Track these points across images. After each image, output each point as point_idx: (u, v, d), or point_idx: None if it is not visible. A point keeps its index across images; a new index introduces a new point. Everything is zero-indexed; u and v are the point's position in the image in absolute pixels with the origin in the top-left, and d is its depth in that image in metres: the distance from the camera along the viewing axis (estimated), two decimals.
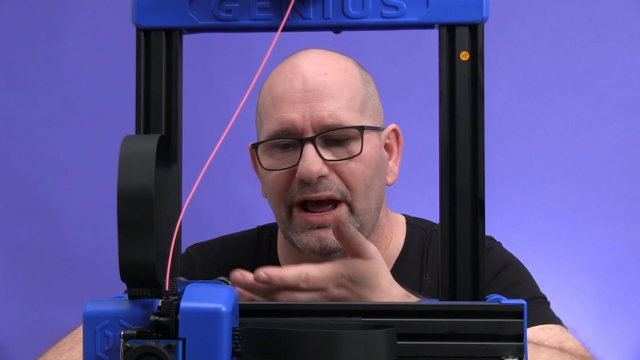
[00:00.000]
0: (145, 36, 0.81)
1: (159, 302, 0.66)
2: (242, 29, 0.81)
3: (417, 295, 1.04)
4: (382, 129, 1.27)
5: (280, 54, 1.25)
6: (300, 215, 1.20)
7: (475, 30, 0.79)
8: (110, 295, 0.74)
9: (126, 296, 0.67)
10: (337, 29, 0.82)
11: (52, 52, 2.43)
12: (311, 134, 1.18)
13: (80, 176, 2.40)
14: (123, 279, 0.65)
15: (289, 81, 1.20)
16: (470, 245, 0.78)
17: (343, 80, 1.21)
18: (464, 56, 0.79)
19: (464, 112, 0.79)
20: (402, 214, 1.38)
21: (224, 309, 0.65)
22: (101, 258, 2.28)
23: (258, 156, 1.23)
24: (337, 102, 1.19)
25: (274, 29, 0.80)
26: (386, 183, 1.28)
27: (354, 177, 1.20)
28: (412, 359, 0.75)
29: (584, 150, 2.36)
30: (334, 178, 1.19)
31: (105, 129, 2.36)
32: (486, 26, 0.79)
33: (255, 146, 1.23)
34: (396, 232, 1.34)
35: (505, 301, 0.76)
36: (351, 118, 1.20)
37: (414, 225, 1.36)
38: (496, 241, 1.35)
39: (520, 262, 1.34)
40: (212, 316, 0.65)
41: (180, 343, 0.64)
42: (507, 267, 1.29)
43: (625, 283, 2.32)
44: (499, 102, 2.29)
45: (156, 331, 0.65)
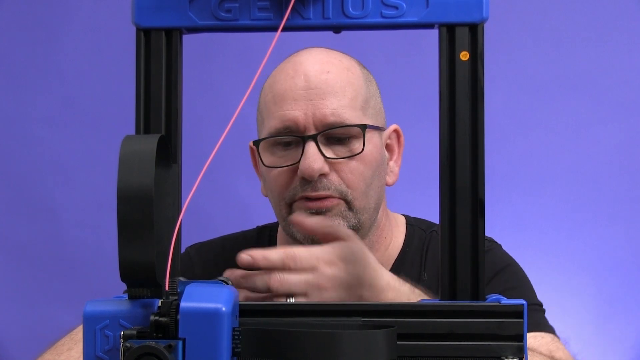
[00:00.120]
0: (145, 36, 0.81)
1: (159, 302, 0.66)
2: (242, 29, 0.81)
3: (409, 281, 1.05)
4: (384, 129, 1.27)
5: (280, 54, 1.25)
6: (300, 204, 1.20)
7: (475, 30, 0.79)
8: (110, 295, 0.74)
9: (126, 296, 0.67)
10: (337, 29, 0.82)
11: (52, 52, 2.43)
12: (313, 132, 1.18)
13: (80, 176, 2.40)
14: (123, 279, 0.65)
15: (292, 79, 1.20)
16: (470, 245, 0.78)
17: (346, 78, 1.21)
18: (464, 56, 0.79)
19: (464, 112, 0.79)
20: (402, 214, 1.38)
21: (224, 309, 0.65)
22: (101, 258, 2.28)
23: (259, 154, 1.23)
24: (340, 100, 1.19)
25: (274, 29, 0.80)
26: (386, 183, 1.28)
27: (354, 176, 1.20)
28: (412, 359, 0.75)
29: (584, 150, 2.36)
30: (334, 177, 1.19)
31: (105, 129, 2.36)
32: (486, 26, 0.79)
33: (256, 143, 1.23)
34: (396, 233, 1.34)
35: (505, 301, 0.76)
36: (353, 116, 1.20)
37: (414, 225, 1.36)
38: (496, 243, 1.35)
39: (519, 266, 1.33)
40: (212, 316, 0.65)
41: (180, 343, 0.64)
42: (505, 271, 1.29)
43: (625, 283, 2.32)
44: (499, 102, 2.29)
45: (156, 331, 0.65)
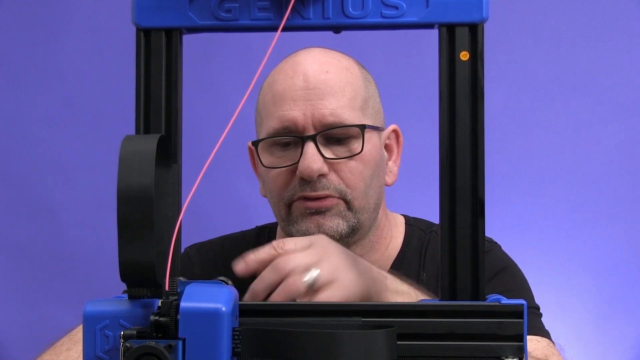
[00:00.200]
0: (145, 36, 0.81)
1: (159, 302, 0.66)
2: (242, 29, 0.81)
3: (407, 280, 1.04)
4: (383, 129, 1.27)
5: (280, 54, 1.25)
6: (299, 204, 1.20)
7: (475, 30, 0.79)
8: (110, 295, 0.74)
9: (126, 296, 0.67)
10: (337, 29, 0.82)
11: (52, 52, 2.43)
12: (312, 132, 1.18)
13: (80, 176, 2.40)
14: (123, 279, 0.65)
15: (290, 79, 1.20)
16: (470, 245, 0.78)
17: (345, 78, 1.21)
18: (464, 56, 0.79)
19: (464, 112, 0.79)
20: (402, 214, 1.38)
21: (224, 309, 0.65)
22: (101, 258, 2.28)
23: (258, 154, 1.23)
24: (339, 101, 1.19)
25: (274, 29, 0.80)
26: (385, 183, 1.28)
27: (353, 176, 1.20)
28: (412, 359, 0.75)
29: (584, 150, 2.36)
30: (333, 177, 1.19)
31: (105, 129, 2.36)
32: (486, 26, 0.79)
33: (255, 144, 1.23)
34: (395, 233, 1.34)
35: (505, 301, 0.76)
36: (352, 117, 1.20)
37: (413, 225, 1.36)
38: (496, 243, 1.35)
39: (517, 268, 1.33)
40: (212, 316, 0.65)
41: (180, 343, 0.64)
42: (504, 272, 1.28)
43: (625, 283, 2.32)
44: (499, 102, 2.29)
45: (156, 331, 0.65)
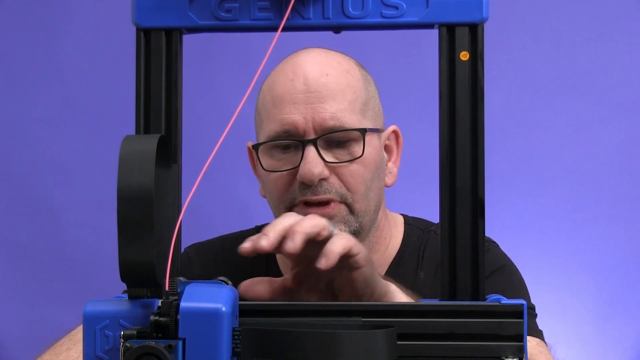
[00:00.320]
0: (145, 36, 0.81)
1: (159, 302, 0.66)
2: (242, 29, 0.81)
3: (402, 287, 1.03)
4: (383, 130, 1.27)
5: (280, 54, 1.24)
6: (300, 210, 1.19)
7: (475, 30, 0.79)
8: (110, 295, 0.74)
9: (126, 296, 0.67)
10: (337, 29, 0.82)
11: (52, 52, 2.43)
12: (313, 136, 1.18)
13: (80, 176, 2.40)
14: (123, 279, 0.65)
15: (291, 81, 1.20)
16: (470, 245, 0.78)
17: (345, 81, 1.21)
18: (464, 56, 0.79)
19: (464, 112, 0.79)
20: (401, 214, 1.38)
21: (224, 309, 0.65)
22: (101, 258, 2.29)
23: (258, 156, 1.23)
24: (339, 104, 1.19)
25: (274, 29, 0.80)
26: (385, 184, 1.28)
27: (354, 179, 1.20)
28: (412, 359, 0.75)
29: (584, 150, 2.36)
30: (334, 180, 1.19)
31: (105, 129, 2.36)
32: (486, 26, 0.79)
33: (256, 147, 1.23)
34: (394, 233, 1.34)
35: (505, 301, 0.76)
36: (353, 120, 1.20)
37: (412, 225, 1.36)
38: (494, 242, 1.34)
39: (515, 267, 1.32)
40: (212, 316, 0.65)
41: (180, 343, 0.64)
42: (500, 271, 1.28)
43: (625, 283, 2.32)
44: (499, 102, 2.29)
45: (156, 331, 0.65)
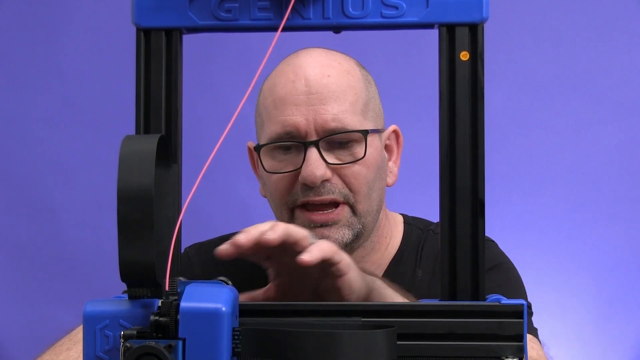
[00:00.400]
0: (145, 36, 0.81)
1: (159, 302, 0.66)
2: (242, 29, 0.81)
3: (400, 290, 1.03)
4: (383, 130, 1.27)
5: (280, 54, 1.24)
6: (302, 214, 1.20)
7: (475, 30, 0.79)
8: (110, 295, 0.74)
9: (126, 296, 0.67)
10: (337, 29, 0.82)
11: (52, 52, 2.43)
12: (314, 137, 1.18)
13: (80, 176, 2.40)
14: (123, 279, 0.65)
15: (292, 83, 1.20)
16: (470, 245, 0.79)
17: (346, 82, 1.21)
18: (464, 56, 0.79)
19: (464, 112, 0.79)
20: (400, 214, 1.39)
21: (224, 309, 0.65)
22: (101, 258, 2.28)
23: (260, 157, 1.23)
24: (341, 105, 1.19)
25: (274, 29, 0.80)
26: (386, 184, 1.28)
27: (357, 180, 1.20)
28: (412, 359, 0.75)
29: (584, 150, 2.36)
30: (337, 181, 1.19)
31: (105, 129, 2.36)
32: (486, 26, 0.79)
33: (257, 149, 1.23)
34: (394, 232, 1.34)
35: (505, 301, 0.76)
36: (354, 121, 1.20)
37: (412, 225, 1.36)
38: (492, 241, 1.34)
39: (511, 265, 1.32)
40: (212, 316, 0.65)
41: (180, 343, 0.64)
42: (496, 269, 1.28)
43: (625, 283, 2.32)
44: (499, 102, 2.29)
45: (156, 331, 0.65)
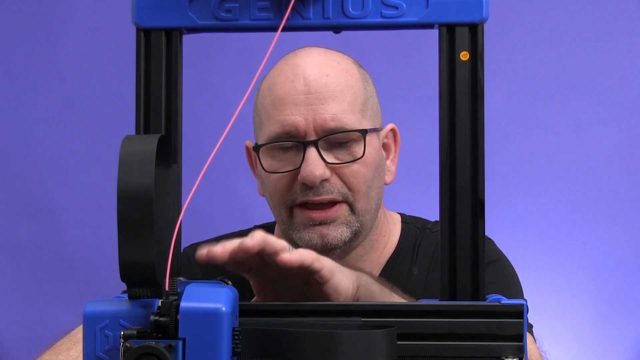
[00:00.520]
0: (145, 36, 0.81)
1: (159, 302, 0.66)
2: (242, 29, 0.81)
3: (396, 289, 1.03)
4: (381, 129, 1.27)
5: (280, 54, 1.25)
6: (301, 213, 1.20)
7: (475, 30, 0.79)
8: (110, 295, 0.74)
9: (126, 296, 0.67)
10: (337, 29, 0.82)
11: (52, 52, 2.43)
12: (313, 137, 1.18)
13: (80, 176, 2.40)
14: (123, 279, 0.65)
15: (291, 82, 1.20)
16: (470, 245, 0.78)
17: (345, 81, 1.21)
18: (464, 56, 0.79)
19: (464, 112, 0.79)
20: (398, 213, 1.39)
21: (224, 309, 0.65)
22: (101, 258, 2.29)
23: (259, 157, 1.23)
24: (340, 105, 1.19)
25: (274, 29, 0.80)
26: (384, 182, 1.28)
27: (356, 179, 1.20)
28: (412, 359, 0.75)
29: (584, 150, 2.36)
30: (336, 181, 1.19)
31: (105, 129, 2.36)
32: (486, 26, 0.79)
33: (256, 149, 1.23)
34: (392, 231, 1.34)
35: (505, 301, 0.76)
36: (353, 121, 1.20)
37: (409, 224, 1.36)
38: (489, 239, 1.34)
39: (507, 262, 1.33)
40: (212, 316, 0.65)
41: (180, 343, 0.64)
42: (490, 265, 1.28)
43: (625, 283, 2.33)
44: (499, 102, 2.29)
45: (156, 331, 0.65)
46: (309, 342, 0.65)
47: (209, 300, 0.65)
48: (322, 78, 1.20)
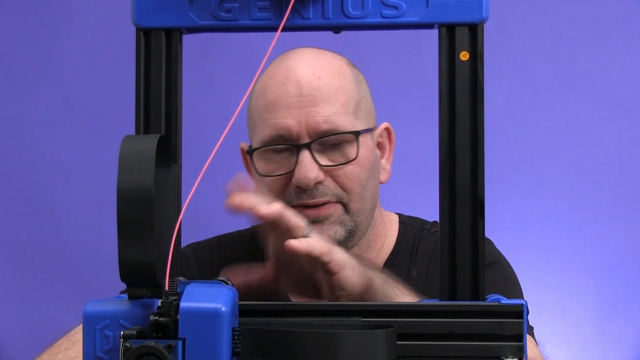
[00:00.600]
0: (145, 36, 0.81)
1: (159, 302, 0.66)
2: (242, 29, 0.81)
3: (398, 280, 1.03)
4: (375, 129, 1.27)
5: (279, 54, 1.24)
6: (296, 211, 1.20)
7: (475, 30, 0.79)
8: (110, 295, 0.74)
9: (126, 296, 0.67)
10: (337, 29, 0.82)
11: (52, 52, 2.43)
12: (307, 140, 1.18)
13: (80, 176, 2.40)
14: (123, 279, 0.65)
15: (283, 85, 1.20)
16: (470, 245, 0.78)
17: (337, 83, 1.21)
18: (464, 56, 0.79)
19: (464, 112, 0.79)
20: (396, 213, 1.39)
21: (224, 309, 0.65)
22: (101, 258, 2.28)
23: (253, 160, 1.23)
24: (332, 107, 1.19)
25: (274, 29, 0.80)
26: (379, 181, 1.28)
27: (350, 180, 1.20)
28: (412, 359, 0.75)
29: (584, 150, 2.36)
30: (330, 183, 1.19)
31: (105, 129, 2.36)
32: (486, 26, 0.79)
33: (250, 152, 1.23)
34: (389, 231, 1.34)
35: (505, 301, 0.76)
36: (346, 122, 1.20)
37: (407, 224, 1.36)
38: (487, 239, 1.34)
39: (506, 263, 1.32)
40: (212, 316, 0.65)
41: (180, 343, 0.64)
42: (490, 267, 1.28)
43: (625, 283, 2.33)
44: (499, 102, 2.29)
45: (156, 331, 0.65)
46: (309, 342, 0.65)
47: (209, 300, 0.65)
48: (315, 80, 1.20)
